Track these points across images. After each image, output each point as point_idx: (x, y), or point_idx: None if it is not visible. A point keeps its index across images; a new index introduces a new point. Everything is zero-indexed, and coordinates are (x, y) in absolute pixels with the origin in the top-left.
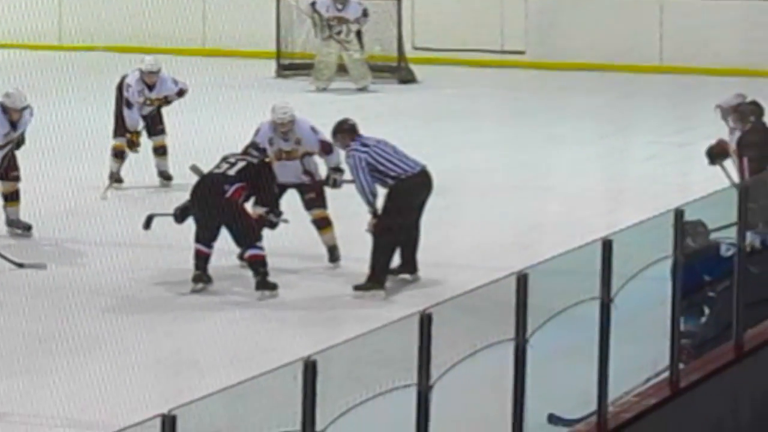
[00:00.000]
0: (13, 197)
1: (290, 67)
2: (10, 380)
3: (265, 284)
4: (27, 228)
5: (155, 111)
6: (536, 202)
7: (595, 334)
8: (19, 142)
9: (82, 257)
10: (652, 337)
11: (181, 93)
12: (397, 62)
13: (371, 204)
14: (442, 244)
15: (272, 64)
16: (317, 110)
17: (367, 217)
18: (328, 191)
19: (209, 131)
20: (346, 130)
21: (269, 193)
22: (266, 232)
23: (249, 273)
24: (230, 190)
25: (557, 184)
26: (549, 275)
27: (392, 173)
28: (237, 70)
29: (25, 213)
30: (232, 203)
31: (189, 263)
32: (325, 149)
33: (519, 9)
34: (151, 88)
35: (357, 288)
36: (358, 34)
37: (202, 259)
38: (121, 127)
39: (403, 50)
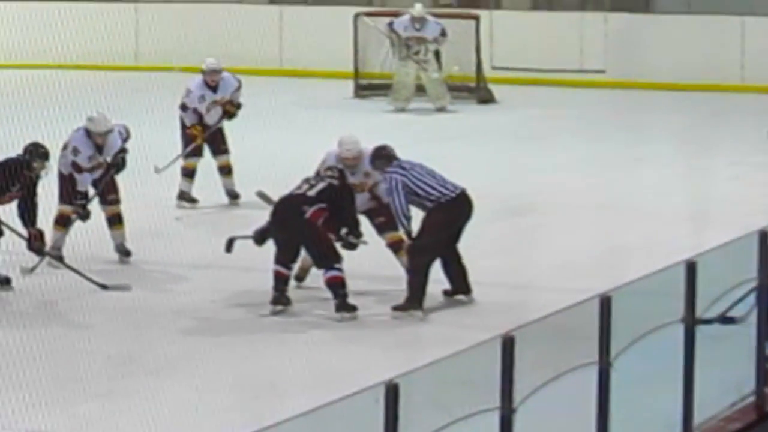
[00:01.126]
0: (115, 221)
1: (368, 87)
2: (89, 403)
3: (344, 306)
4: (126, 254)
5: (218, 128)
6: (619, 223)
7: (679, 358)
8: (119, 167)
9: (162, 279)
10: (737, 360)
11: (239, 87)
12: (476, 82)
13: (405, 226)
14: (524, 265)
15: (350, 85)
16: (395, 131)
17: None
18: None
19: (287, 152)
20: (383, 157)
21: (349, 213)
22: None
23: (328, 295)
24: (309, 211)
25: (640, 204)
26: (633, 297)
27: (431, 197)
28: (315, 90)
29: (100, 234)
30: (311, 224)
31: (268, 285)
32: None
33: (599, 28)
34: (214, 89)
35: (395, 309)
36: (437, 53)
37: (281, 281)
38: (187, 142)
39: (481, 70)
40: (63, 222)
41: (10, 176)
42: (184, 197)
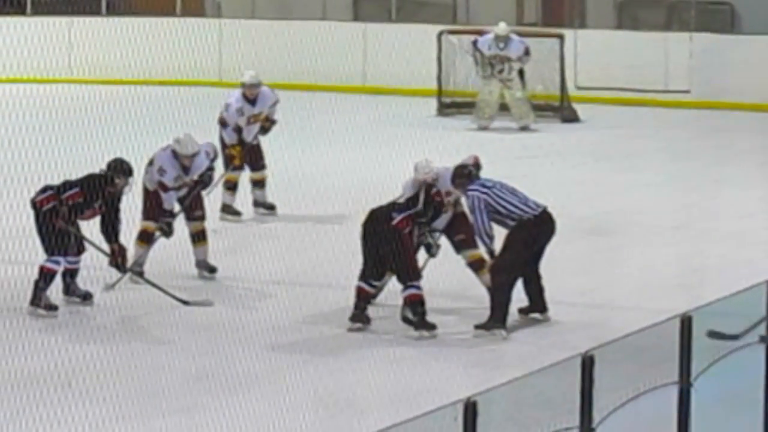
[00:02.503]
0: (199, 237)
1: (452, 105)
2: (167, 418)
3: (423, 324)
4: (212, 270)
5: (256, 144)
6: (700, 244)
7: (761, 379)
8: (206, 184)
9: (241, 295)
10: None
11: (276, 102)
12: (560, 101)
13: (487, 245)
14: (604, 285)
15: (433, 102)
16: (478, 149)
17: None
18: None
19: (371, 169)
20: (465, 176)
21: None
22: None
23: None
24: (398, 218)
25: (722, 225)
26: (713, 317)
27: (514, 215)
28: (398, 107)
29: (182, 250)
30: (398, 231)
31: (348, 302)
32: None
33: (684, 48)
34: (253, 102)
35: (478, 327)
36: (521, 72)
37: (363, 299)
38: (228, 161)
39: (565, 89)
40: (146, 238)
41: (93, 192)
42: (227, 210)
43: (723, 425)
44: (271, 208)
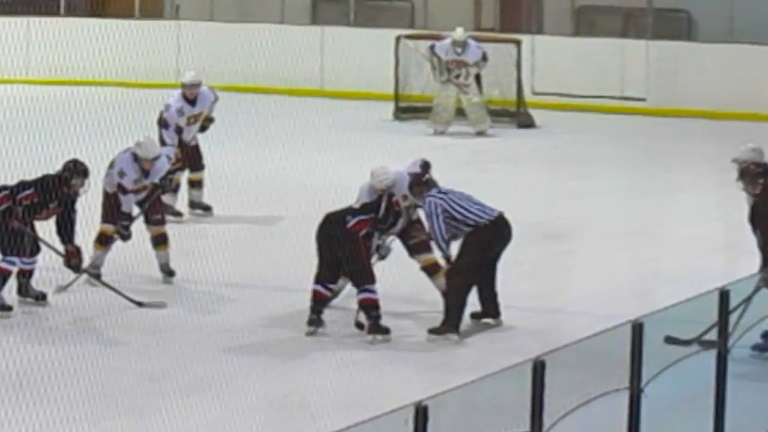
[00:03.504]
0: (160, 241)
1: (408, 109)
2: (118, 419)
3: (377, 328)
4: (171, 274)
5: (194, 145)
6: (653, 250)
7: (711, 385)
8: (165, 188)
9: (195, 297)
10: None
11: (215, 100)
12: (516, 107)
13: (443, 250)
14: (557, 290)
15: (390, 107)
16: (434, 153)
17: None
18: None
19: (327, 172)
20: (422, 184)
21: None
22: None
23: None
24: (352, 221)
25: (676, 232)
26: (665, 324)
27: (469, 221)
28: (355, 111)
29: (139, 253)
30: (352, 235)
31: (302, 305)
32: None
33: (640, 55)
34: (193, 103)
35: (431, 332)
36: (477, 77)
37: (319, 302)
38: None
39: (522, 95)
40: (104, 241)
41: (48, 193)
42: (168, 210)
43: (673, 430)
44: (207, 209)
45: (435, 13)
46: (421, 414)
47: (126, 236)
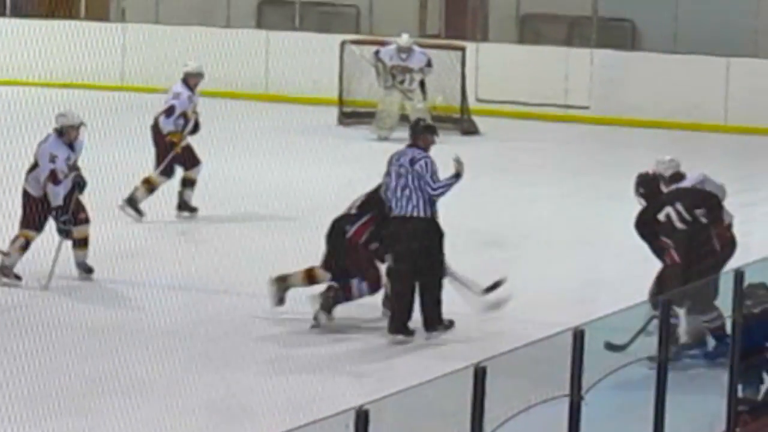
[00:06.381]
0: (81, 243)
1: (352, 114)
2: (60, 420)
3: (327, 307)
4: (89, 271)
5: (187, 144)
6: (595, 258)
7: (651, 393)
8: (82, 186)
9: (137, 299)
10: (708, 398)
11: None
12: (460, 113)
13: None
14: (498, 297)
15: (334, 112)
16: (378, 159)
17: None
18: None
19: (269, 176)
20: (427, 129)
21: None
22: None
23: (305, 319)
24: (351, 231)
25: (615, 240)
26: (606, 332)
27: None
28: (299, 116)
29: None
30: (351, 247)
31: (243, 307)
32: None
33: (584, 64)
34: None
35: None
36: (422, 83)
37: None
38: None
39: (466, 101)
40: (23, 246)
41: None
42: (131, 204)
43: None
44: (193, 210)
45: (380, 18)
46: (362, 419)
47: (69, 232)
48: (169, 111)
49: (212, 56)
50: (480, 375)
